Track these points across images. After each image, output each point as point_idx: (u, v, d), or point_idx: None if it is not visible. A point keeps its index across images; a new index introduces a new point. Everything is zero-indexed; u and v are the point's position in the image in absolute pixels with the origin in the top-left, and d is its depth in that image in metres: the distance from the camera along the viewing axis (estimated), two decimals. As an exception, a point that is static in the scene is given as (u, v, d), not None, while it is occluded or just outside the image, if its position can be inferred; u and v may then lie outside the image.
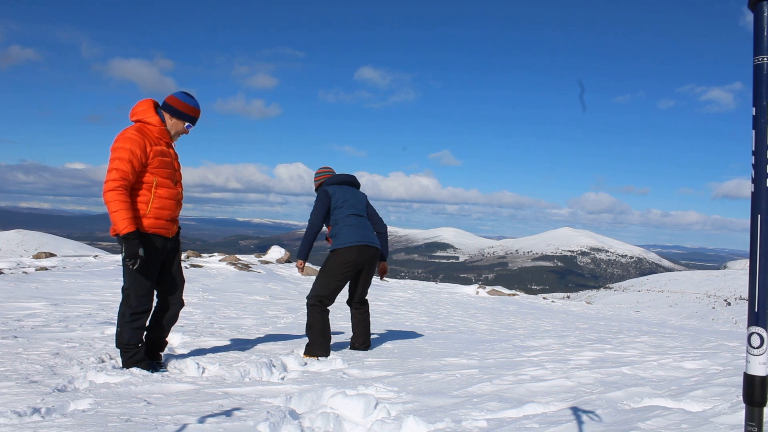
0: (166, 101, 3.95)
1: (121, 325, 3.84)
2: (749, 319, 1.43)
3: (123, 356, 3.85)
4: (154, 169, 3.80)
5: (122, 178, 3.63)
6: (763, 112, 1.39)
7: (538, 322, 10.49)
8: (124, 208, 3.60)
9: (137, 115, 3.88)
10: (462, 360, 4.89)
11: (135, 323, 3.83)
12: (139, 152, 3.71)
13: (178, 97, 3.93)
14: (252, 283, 11.79)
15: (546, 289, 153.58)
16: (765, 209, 1.39)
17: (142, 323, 3.87)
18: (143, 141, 3.75)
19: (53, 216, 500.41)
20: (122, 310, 3.85)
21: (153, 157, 3.78)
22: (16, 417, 2.70)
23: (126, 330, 3.81)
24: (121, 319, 3.85)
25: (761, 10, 1.38)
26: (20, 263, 11.74)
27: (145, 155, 3.74)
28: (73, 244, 57.39)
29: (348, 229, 5.00)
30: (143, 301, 3.84)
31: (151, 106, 3.93)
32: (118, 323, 3.88)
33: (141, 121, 3.87)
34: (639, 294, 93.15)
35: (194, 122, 4.02)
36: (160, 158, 3.83)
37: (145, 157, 3.75)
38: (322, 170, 5.41)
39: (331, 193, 5.08)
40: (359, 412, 2.98)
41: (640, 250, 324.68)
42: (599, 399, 3.12)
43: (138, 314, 3.83)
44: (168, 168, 3.90)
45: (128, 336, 3.82)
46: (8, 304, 6.46)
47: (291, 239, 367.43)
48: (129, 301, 3.83)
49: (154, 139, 3.84)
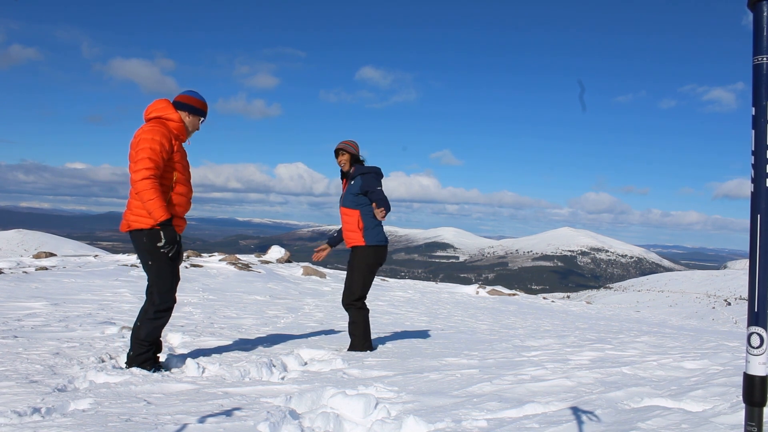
0: (179, 100, 4.00)
1: (142, 321, 3.86)
2: (749, 319, 1.43)
3: (134, 352, 3.85)
4: (176, 164, 3.85)
5: (155, 167, 3.68)
6: (762, 112, 1.38)
7: (538, 322, 10.49)
8: (159, 197, 3.64)
9: (156, 112, 3.91)
10: (462, 360, 4.89)
11: (157, 321, 3.86)
12: (167, 144, 3.77)
13: (190, 95, 4.02)
14: (252, 282, 11.79)
15: (546, 289, 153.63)
16: (765, 209, 1.39)
17: (164, 322, 3.90)
18: (169, 134, 3.82)
19: (53, 216, 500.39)
20: (146, 307, 3.90)
21: (176, 151, 3.85)
22: (16, 417, 2.70)
23: (145, 326, 3.84)
24: (143, 315, 3.88)
25: (761, 10, 1.38)
26: (20, 263, 11.74)
27: (171, 148, 3.81)
28: (73, 244, 57.37)
29: (380, 228, 5.15)
30: (166, 297, 3.87)
31: (170, 104, 3.99)
32: (138, 318, 3.91)
33: (160, 118, 3.90)
34: (639, 294, 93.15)
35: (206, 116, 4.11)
36: (180, 153, 3.91)
37: (171, 151, 3.81)
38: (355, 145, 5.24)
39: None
40: (359, 412, 2.98)
41: (641, 250, 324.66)
42: (599, 399, 3.12)
43: (161, 312, 3.86)
44: (186, 165, 3.99)
45: (146, 332, 3.84)
46: (8, 304, 6.46)
47: (291, 239, 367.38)
48: (152, 299, 3.86)
49: (175, 134, 3.90)
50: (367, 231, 5.05)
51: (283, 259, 17.34)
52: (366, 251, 5.07)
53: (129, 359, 3.87)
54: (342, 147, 5.15)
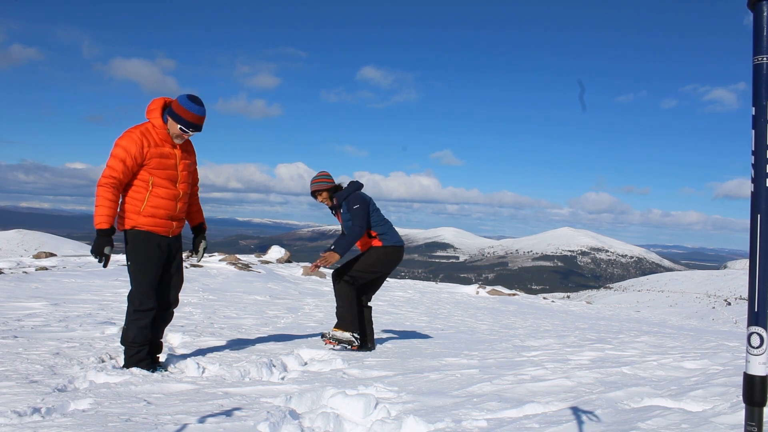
0: (172, 107, 3.94)
1: (127, 324, 3.90)
2: (749, 319, 1.43)
3: (126, 354, 3.88)
4: (152, 169, 3.86)
5: (111, 175, 3.73)
6: (762, 111, 1.38)
7: (538, 322, 10.49)
8: (105, 205, 3.70)
9: (147, 114, 3.96)
10: (462, 360, 4.89)
11: (139, 322, 3.86)
12: (135, 152, 3.78)
13: (179, 100, 3.92)
14: (252, 282, 11.79)
15: (546, 289, 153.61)
16: (765, 209, 1.39)
17: (146, 322, 3.89)
18: (142, 141, 3.81)
19: (53, 216, 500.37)
20: (128, 309, 3.92)
21: (150, 158, 3.84)
22: (17, 417, 2.70)
23: (131, 328, 3.86)
24: (127, 317, 3.91)
25: (761, 10, 1.38)
26: (20, 263, 11.74)
27: (141, 155, 3.80)
28: (73, 244, 57.34)
29: (394, 230, 5.35)
30: (144, 298, 3.87)
31: (159, 107, 3.95)
32: (125, 321, 3.94)
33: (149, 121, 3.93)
34: (639, 294, 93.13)
35: (189, 126, 3.90)
36: (158, 159, 3.87)
37: (141, 158, 3.81)
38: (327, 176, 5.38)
39: (368, 199, 5.30)
40: (359, 412, 2.98)
41: (641, 250, 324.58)
42: (599, 399, 3.12)
43: (141, 312, 3.86)
44: (168, 169, 3.93)
45: (133, 334, 3.85)
46: (8, 304, 6.46)
47: (291, 239, 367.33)
48: (132, 299, 3.89)
49: (156, 141, 3.87)
50: (382, 236, 5.28)
51: (283, 259, 17.34)
52: (382, 249, 5.26)
53: (125, 362, 3.88)
54: (314, 189, 5.33)
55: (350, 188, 5.34)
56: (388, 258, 5.28)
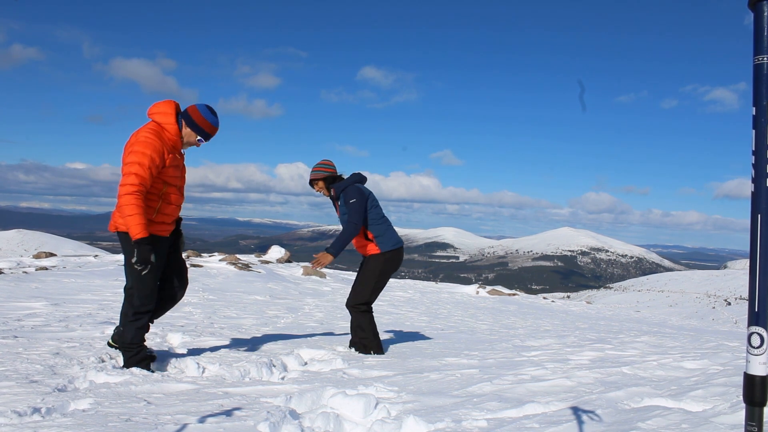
0: (187, 109, 3.94)
1: (124, 325, 3.87)
2: (749, 318, 1.43)
3: (125, 355, 3.86)
4: (167, 177, 3.82)
5: (141, 183, 3.64)
6: (763, 111, 1.38)
7: (538, 322, 10.49)
8: (139, 213, 3.60)
9: (156, 116, 3.86)
10: (462, 360, 4.89)
11: (138, 322, 3.84)
12: (158, 160, 3.72)
13: (199, 110, 3.92)
14: (252, 282, 11.79)
15: (546, 289, 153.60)
16: (765, 209, 1.39)
17: (145, 323, 3.88)
18: (162, 147, 3.76)
19: (53, 216, 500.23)
20: (125, 310, 3.88)
21: (168, 165, 3.80)
22: (17, 417, 2.70)
23: (129, 329, 3.83)
24: (124, 318, 3.88)
25: (761, 10, 1.38)
26: (20, 263, 11.74)
27: (162, 162, 3.76)
28: (73, 244, 57.34)
29: (392, 230, 5.07)
30: (146, 301, 3.85)
31: (173, 110, 3.89)
32: (120, 322, 3.90)
33: (159, 123, 3.84)
34: (639, 294, 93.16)
35: (207, 138, 3.99)
36: (173, 167, 3.85)
37: (162, 165, 3.76)
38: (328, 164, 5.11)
39: (367, 193, 5.00)
40: (359, 411, 2.98)
41: (641, 250, 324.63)
42: (599, 399, 3.12)
43: (141, 314, 3.85)
44: (178, 176, 3.94)
45: (131, 335, 3.83)
46: (8, 304, 6.46)
47: (291, 239, 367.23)
48: (132, 300, 3.85)
49: (169, 146, 3.84)
50: (378, 239, 5.00)
51: (283, 259, 17.34)
52: (381, 258, 5.01)
53: (125, 362, 3.87)
54: (312, 177, 5.06)
55: (350, 179, 5.05)
56: (390, 264, 5.04)
